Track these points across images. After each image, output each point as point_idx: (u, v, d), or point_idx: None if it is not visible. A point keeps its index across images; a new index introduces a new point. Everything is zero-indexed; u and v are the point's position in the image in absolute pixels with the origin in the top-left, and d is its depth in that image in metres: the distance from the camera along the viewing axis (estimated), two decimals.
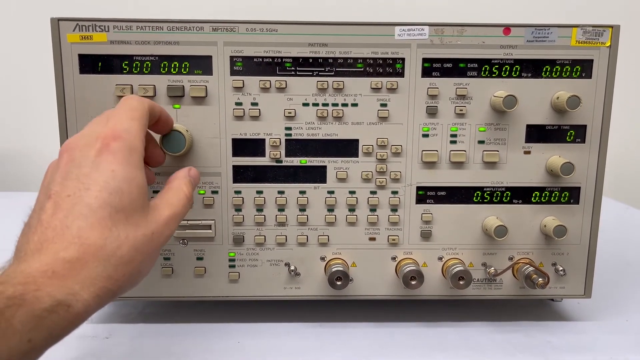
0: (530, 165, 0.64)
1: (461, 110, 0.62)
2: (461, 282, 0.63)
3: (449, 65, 0.62)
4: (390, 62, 0.61)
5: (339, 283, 0.62)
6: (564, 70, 0.62)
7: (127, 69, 0.60)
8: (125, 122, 0.48)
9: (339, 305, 0.71)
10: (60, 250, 0.40)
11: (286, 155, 0.63)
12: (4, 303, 0.35)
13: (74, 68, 0.60)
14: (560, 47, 0.61)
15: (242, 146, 0.62)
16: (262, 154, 0.63)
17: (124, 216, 0.44)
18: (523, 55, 0.61)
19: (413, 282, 0.63)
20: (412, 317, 0.69)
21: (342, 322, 0.67)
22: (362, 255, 0.65)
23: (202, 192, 0.63)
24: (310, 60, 0.61)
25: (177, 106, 0.61)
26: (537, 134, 0.63)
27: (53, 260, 0.39)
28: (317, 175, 0.63)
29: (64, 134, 0.61)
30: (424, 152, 0.63)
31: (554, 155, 0.63)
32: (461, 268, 0.63)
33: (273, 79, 0.61)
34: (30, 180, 1.41)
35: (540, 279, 0.62)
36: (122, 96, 0.60)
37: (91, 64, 0.60)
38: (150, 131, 0.56)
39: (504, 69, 0.62)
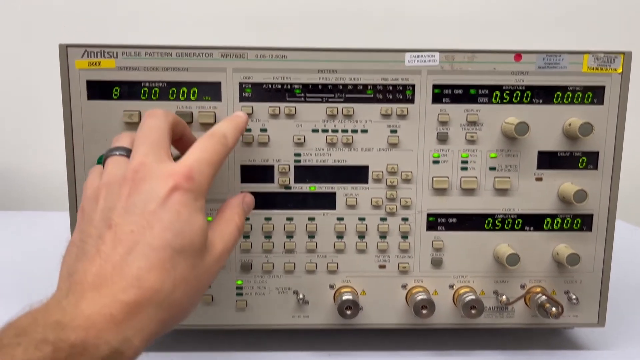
0: (542, 192, 0.63)
1: (472, 136, 0.62)
2: (473, 312, 0.62)
3: (460, 91, 0.61)
4: (401, 88, 0.61)
5: (349, 312, 0.61)
6: (576, 96, 0.61)
7: (136, 95, 0.60)
8: (202, 163, 0.47)
9: (348, 333, 0.70)
10: (119, 291, 0.39)
11: (295, 182, 0.62)
12: (67, 352, 0.35)
13: (82, 94, 0.59)
14: (572, 73, 0.61)
15: (250, 173, 0.62)
16: (271, 180, 0.62)
17: (183, 258, 0.43)
18: (534, 82, 0.61)
19: (424, 311, 0.62)
20: (423, 346, 0.67)
21: (351, 350, 0.66)
22: (372, 283, 0.64)
23: (210, 219, 0.62)
24: (320, 87, 0.60)
25: None
26: (548, 160, 0.62)
27: (112, 302, 0.39)
28: (327, 201, 0.63)
29: (71, 160, 0.60)
30: (434, 178, 0.62)
31: (566, 182, 0.63)
32: (473, 297, 0.62)
33: (282, 105, 0.60)
34: (37, 199, 1.41)
35: (553, 309, 0.61)
36: (130, 122, 0.59)
37: (99, 90, 0.60)
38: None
39: (515, 95, 0.61)
